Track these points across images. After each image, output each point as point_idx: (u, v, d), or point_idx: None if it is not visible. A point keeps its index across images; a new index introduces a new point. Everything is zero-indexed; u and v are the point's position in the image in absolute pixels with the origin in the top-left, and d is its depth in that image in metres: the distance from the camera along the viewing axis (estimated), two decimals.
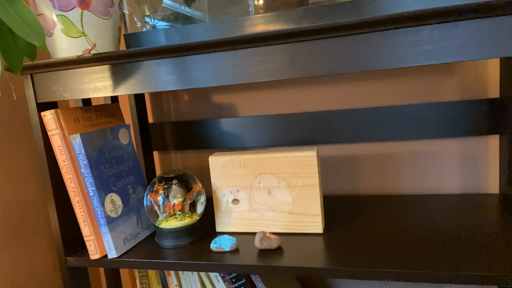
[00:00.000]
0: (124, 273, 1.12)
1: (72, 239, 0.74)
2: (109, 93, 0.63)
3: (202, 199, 0.74)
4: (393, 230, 0.68)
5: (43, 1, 0.62)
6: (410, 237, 0.65)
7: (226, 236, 0.69)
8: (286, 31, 0.52)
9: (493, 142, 0.83)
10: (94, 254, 0.70)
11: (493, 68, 0.81)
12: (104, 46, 0.66)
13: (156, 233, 0.74)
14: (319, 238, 0.68)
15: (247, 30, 0.57)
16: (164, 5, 0.61)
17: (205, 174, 1.02)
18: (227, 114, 0.98)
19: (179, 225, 0.71)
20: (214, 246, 0.67)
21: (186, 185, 0.72)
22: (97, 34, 0.65)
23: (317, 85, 0.91)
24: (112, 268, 0.78)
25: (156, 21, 0.62)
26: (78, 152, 0.67)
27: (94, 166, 0.68)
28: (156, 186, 0.71)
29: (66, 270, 0.72)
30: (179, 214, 0.71)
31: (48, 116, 0.67)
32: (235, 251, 0.67)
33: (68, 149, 0.68)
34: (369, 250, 0.62)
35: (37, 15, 0.63)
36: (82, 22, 0.63)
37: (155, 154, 1.06)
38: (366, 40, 0.51)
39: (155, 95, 1.02)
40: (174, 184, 0.71)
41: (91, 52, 0.65)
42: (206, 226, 0.78)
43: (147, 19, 0.63)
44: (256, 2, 0.57)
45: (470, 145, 0.85)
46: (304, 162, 0.69)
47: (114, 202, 0.71)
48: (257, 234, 0.65)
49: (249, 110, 0.96)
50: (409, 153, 0.88)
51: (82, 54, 0.65)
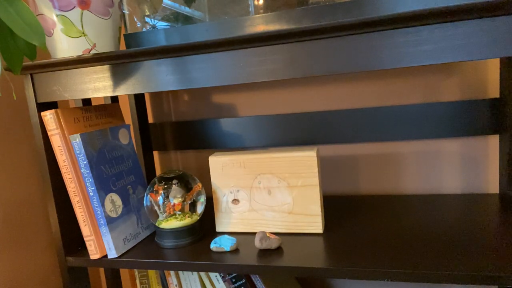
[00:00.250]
0: (124, 273, 1.12)
1: (72, 239, 0.74)
2: (109, 93, 0.63)
3: (202, 199, 0.74)
4: (393, 230, 0.68)
5: (43, 1, 0.62)
6: (410, 237, 0.65)
7: (226, 236, 0.69)
8: (286, 31, 0.52)
9: (493, 142, 0.83)
10: (94, 254, 0.70)
11: (493, 68, 0.81)
12: (104, 46, 0.66)
13: (156, 233, 0.74)
14: (319, 238, 0.68)
15: (247, 30, 0.57)
16: (164, 5, 0.61)
17: (205, 174, 1.02)
18: (227, 114, 0.98)
19: (179, 225, 0.71)
20: (214, 246, 0.67)
21: (186, 185, 0.72)
22: (97, 34, 0.65)
23: (317, 85, 0.91)
24: (112, 268, 0.78)
25: (156, 21, 0.62)
26: (78, 152, 0.67)
27: (94, 166, 0.68)
28: (156, 186, 0.71)
29: (66, 270, 0.72)
30: (179, 214, 0.71)
31: (48, 116, 0.67)
32: (235, 251, 0.67)
33: (68, 149, 0.68)
34: (369, 250, 0.62)
35: (37, 15, 0.63)
36: (82, 22, 0.63)
37: (155, 154, 1.06)
38: (366, 40, 0.51)
39: (155, 95, 1.02)
40: (174, 184, 0.71)
41: (91, 52, 0.65)
42: (206, 226, 0.79)
43: (147, 19, 0.63)
44: (256, 2, 0.56)
45: (470, 145, 0.85)
46: (304, 162, 0.69)
47: (114, 202, 0.71)
48: (257, 234, 0.66)
49: (249, 110, 0.96)
50: (409, 153, 0.88)
51: (82, 54, 0.65)
